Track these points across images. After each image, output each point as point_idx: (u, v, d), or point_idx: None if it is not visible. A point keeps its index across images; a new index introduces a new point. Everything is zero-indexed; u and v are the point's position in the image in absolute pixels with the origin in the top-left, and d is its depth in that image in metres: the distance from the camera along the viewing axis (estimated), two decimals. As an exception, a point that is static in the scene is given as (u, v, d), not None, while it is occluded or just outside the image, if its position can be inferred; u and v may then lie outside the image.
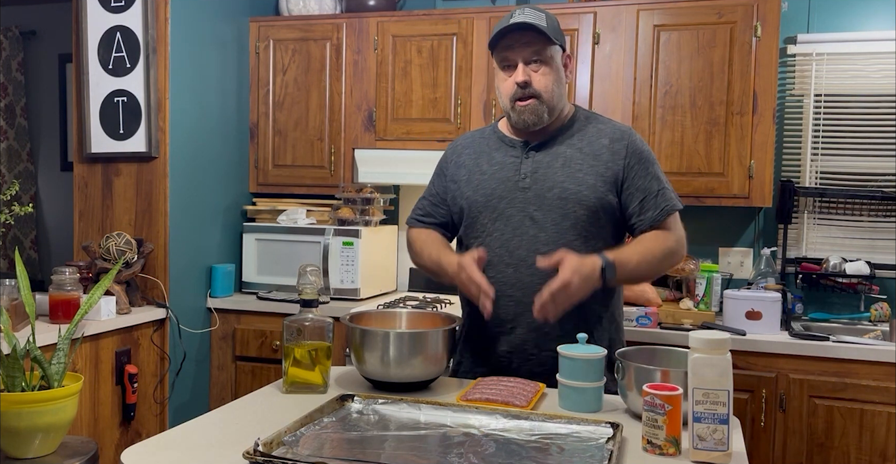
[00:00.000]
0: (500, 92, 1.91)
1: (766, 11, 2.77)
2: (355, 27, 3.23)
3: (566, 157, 1.87)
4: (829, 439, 2.51)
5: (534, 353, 1.85)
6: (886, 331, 2.74)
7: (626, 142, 1.89)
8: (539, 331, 1.83)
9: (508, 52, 1.85)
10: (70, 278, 2.49)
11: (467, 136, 2.07)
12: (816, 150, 3.06)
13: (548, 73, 1.85)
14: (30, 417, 1.56)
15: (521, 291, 1.84)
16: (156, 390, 2.93)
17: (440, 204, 2.03)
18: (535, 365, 1.85)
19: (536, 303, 1.67)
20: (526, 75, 1.83)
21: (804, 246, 3.07)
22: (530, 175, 1.87)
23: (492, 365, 1.89)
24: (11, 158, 4.54)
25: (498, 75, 1.90)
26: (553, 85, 1.86)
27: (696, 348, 1.35)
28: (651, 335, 2.62)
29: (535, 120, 1.86)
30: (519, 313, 1.84)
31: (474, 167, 1.95)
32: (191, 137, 3.05)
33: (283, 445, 1.31)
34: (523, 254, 1.84)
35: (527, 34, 1.82)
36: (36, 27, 4.57)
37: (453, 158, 2.02)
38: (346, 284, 3.14)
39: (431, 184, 2.08)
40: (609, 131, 1.91)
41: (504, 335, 1.87)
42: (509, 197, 1.87)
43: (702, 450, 1.33)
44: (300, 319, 1.69)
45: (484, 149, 1.97)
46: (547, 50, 1.84)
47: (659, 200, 1.86)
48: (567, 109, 1.95)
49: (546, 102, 1.85)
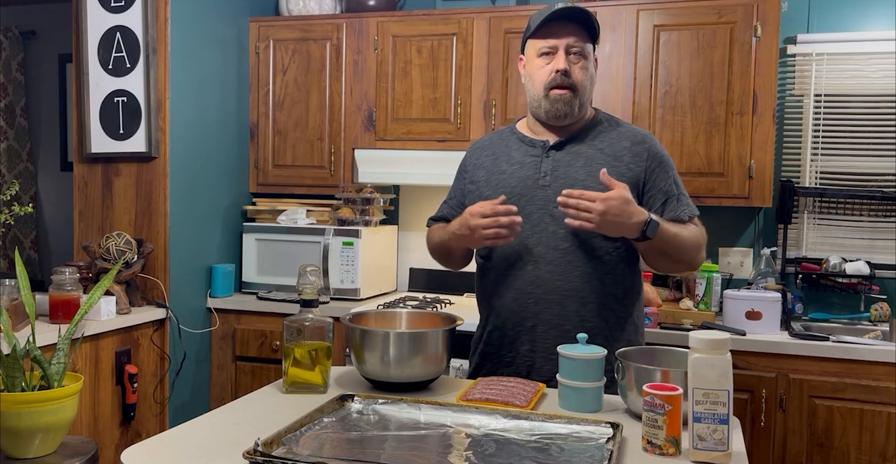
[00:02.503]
0: (531, 80, 1.89)
1: (766, 11, 2.77)
2: (355, 27, 3.23)
3: (587, 156, 1.88)
4: (829, 439, 2.51)
5: (555, 352, 1.83)
6: (886, 331, 2.74)
7: (647, 145, 1.90)
8: (560, 328, 1.83)
9: (552, 38, 1.83)
10: (70, 278, 2.49)
11: (486, 138, 2.07)
12: (816, 150, 3.06)
13: (585, 68, 1.86)
14: (30, 417, 1.56)
15: (540, 289, 1.84)
16: (156, 390, 2.93)
17: (458, 207, 2.02)
18: (558, 365, 1.84)
19: (564, 192, 1.66)
20: (567, 64, 1.83)
21: (804, 246, 3.07)
22: (550, 173, 1.87)
23: (516, 365, 1.88)
24: (11, 158, 4.53)
25: (532, 63, 1.89)
26: (588, 81, 1.87)
27: (696, 347, 1.36)
28: (651, 335, 2.61)
29: (567, 111, 1.86)
30: (539, 311, 1.84)
31: (493, 167, 1.95)
32: (191, 137, 3.05)
33: (283, 445, 1.31)
34: (542, 251, 1.84)
35: (570, 25, 1.82)
36: (36, 27, 4.56)
37: (472, 161, 2.03)
38: (346, 284, 3.14)
39: (452, 187, 2.09)
40: (630, 134, 1.92)
41: (525, 334, 1.87)
42: (529, 195, 1.87)
43: (702, 450, 1.33)
44: (300, 319, 1.69)
45: (503, 149, 1.97)
46: (587, 45, 1.85)
47: (680, 203, 1.88)
48: (589, 111, 1.96)
49: (579, 96, 1.86)
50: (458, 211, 2.01)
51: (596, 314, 1.84)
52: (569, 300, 1.83)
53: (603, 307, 1.85)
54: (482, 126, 3.06)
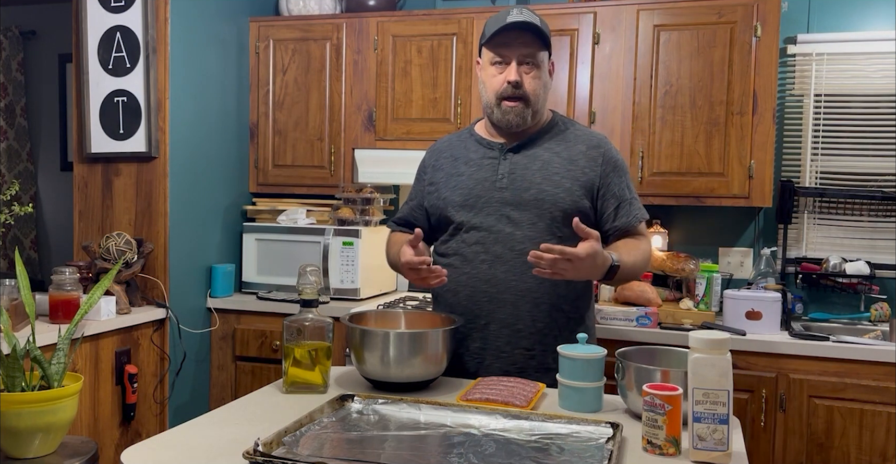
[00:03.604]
0: (485, 87, 1.92)
1: (766, 11, 2.77)
2: (355, 27, 3.23)
3: (544, 160, 1.91)
4: (829, 439, 2.51)
5: (506, 350, 1.86)
6: (886, 331, 2.74)
7: (602, 150, 1.94)
8: (512, 328, 1.86)
9: (504, 49, 1.86)
10: (70, 278, 2.49)
11: (444, 140, 2.10)
12: (816, 150, 3.06)
13: (538, 77, 1.89)
14: (30, 417, 1.56)
15: (495, 288, 1.87)
16: (156, 390, 2.93)
17: (417, 208, 2.07)
18: (507, 363, 1.87)
19: (542, 248, 1.64)
20: (518, 75, 1.85)
21: (804, 246, 3.07)
22: (507, 176, 1.90)
23: (464, 362, 1.90)
24: (11, 158, 4.53)
25: (486, 70, 1.92)
26: (541, 90, 1.90)
27: (696, 347, 1.36)
28: (651, 335, 2.62)
29: (518, 122, 1.89)
30: (492, 310, 1.87)
31: (452, 169, 1.98)
32: (191, 137, 3.05)
33: (283, 445, 1.31)
34: (499, 251, 1.87)
35: (524, 35, 1.85)
36: (36, 27, 4.56)
37: (431, 162, 2.06)
38: (346, 284, 3.14)
39: (412, 188, 2.12)
40: (585, 138, 1.96)
41: (477, 332, 1.89)
42: (486, 196, 1.90)
43: (702, 450, 1.33)
44: (300, 319, 1.69)
45: (461, 151, 2.00)
46: (540, 54, 1.88)
47: (632, 208, 1.92)
48: (546, 114, 1.98)
49: (532, 106, 1.89)
50: (418, 212, 2.07)
51: (547, 315, 1.87)
52: (522, 300, 1.86)
53: (555, 308, 1.88)
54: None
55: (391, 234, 2.13)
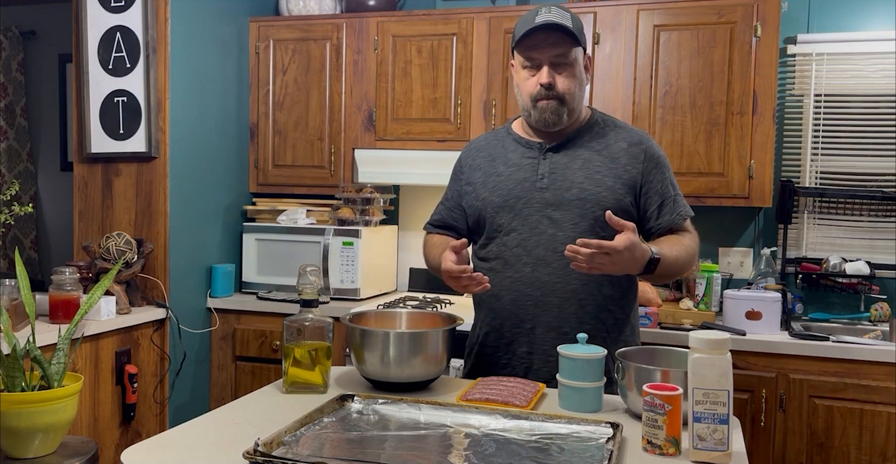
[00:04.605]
0: (520, 90, 1.89)
1: (766, 11, 2.77)
2: (355, 27, 3.23)
3: (584, 158, 1.87)
4: (829, 439, 2.51)
5: (553, 354, 1.82)
6: (886, 331, 2.74)
7: (644, 146, 1.90)
8: (559, 331, 1.83)
9: (533, 52, 1.83)
10: (70, 278, 2.49)
11: (481, 138, 2.06)
12: (816, 150, 3.06)
13: (571, 76, 1.84)
14: (30, 417, 1.56)
15: (539, 290, 1.83)
16: (156, 390, 2.93)
17: (455, 208, 2.02)
18: (556, 368, 1.83)
19: (578, 242, 1.61)
20: (550, 77, 1.82)
21: (804, 246, 3.07)
22: (548, 176, 1.87)
23: (513, 367, 1.88)
24: (11, 158, 4.53)
25: (519, 73, 1.88)
26: (575, 88, 1.86)
27: (696, 347, 1.35)
28: (651, 335, 2.61)
29: (555, 120, 1.86)
30: (538, 313, 1.84)
31: (490, 169, 1.94)
32: (191, 137, 3.05)
33: (283, 445, 1.31)
34: (541, 253, 1.83)
35: (553, 34, 1.80)
36: (36, 27, 4.56)
37: (468, 162, 2.02)
38: (346, 284, 3.14)
39: (448, 188, 2.07)
40: (626, 135, 1.92)
41: (523, 336, 1.86)
42: (527, 197, 1.86)
43: (702, 450, 1.33)
44: (300, 319, 1.69)
45: (499, 151, 1.96)
46: (572, 52, 1.83)
47: (676, 205, 1.88)
48: (584, 112, 1.95)
49: (567, 105, 1.85)
50: (455, 213, 2.01)
51: (594, 316, 1.84)
52: (567, 303, 1.83)
53: (601, 309, 1.85)
54: (482, 126, 3.06)
55: (428, 235, 2.07)
